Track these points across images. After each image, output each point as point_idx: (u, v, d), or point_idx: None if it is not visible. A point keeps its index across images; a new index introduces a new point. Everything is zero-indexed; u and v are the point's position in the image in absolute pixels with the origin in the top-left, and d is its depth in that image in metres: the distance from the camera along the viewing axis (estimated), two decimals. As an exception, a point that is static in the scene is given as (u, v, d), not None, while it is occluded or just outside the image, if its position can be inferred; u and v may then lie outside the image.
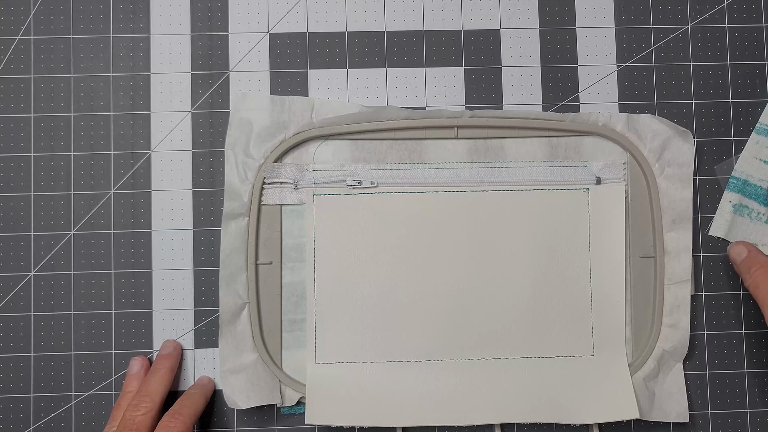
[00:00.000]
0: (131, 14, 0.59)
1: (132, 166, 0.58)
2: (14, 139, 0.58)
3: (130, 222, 0.58)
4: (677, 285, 0.57)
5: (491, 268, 0.57)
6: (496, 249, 0.57)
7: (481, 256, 0.57)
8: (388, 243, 0.57)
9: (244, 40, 0.59)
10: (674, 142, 0.57)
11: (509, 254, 0.57)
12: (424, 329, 0.57)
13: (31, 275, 0.57)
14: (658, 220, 0.57)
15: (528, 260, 0.57)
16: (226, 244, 0.56)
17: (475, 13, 0.60)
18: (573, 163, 0.58)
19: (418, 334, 0.57)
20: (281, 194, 0.57)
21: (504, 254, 0.57)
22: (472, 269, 0.57)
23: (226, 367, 0.56)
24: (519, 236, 0.57)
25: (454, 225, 0.57)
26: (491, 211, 0.57)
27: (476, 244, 0.57)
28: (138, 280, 0.58)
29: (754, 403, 0.58)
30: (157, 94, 0.59)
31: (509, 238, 0.57)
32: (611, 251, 0.58)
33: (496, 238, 0.57)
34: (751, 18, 0.60)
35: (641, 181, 0.58)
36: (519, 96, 0.59)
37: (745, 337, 0.58)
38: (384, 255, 0.57)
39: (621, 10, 0.60)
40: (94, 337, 0.57)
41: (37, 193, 0.58)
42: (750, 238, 0.58)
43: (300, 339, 0.57)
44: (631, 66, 0.59)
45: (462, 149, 0.58)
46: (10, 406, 0.57)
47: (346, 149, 0.58)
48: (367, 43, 0.59)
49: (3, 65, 0.58)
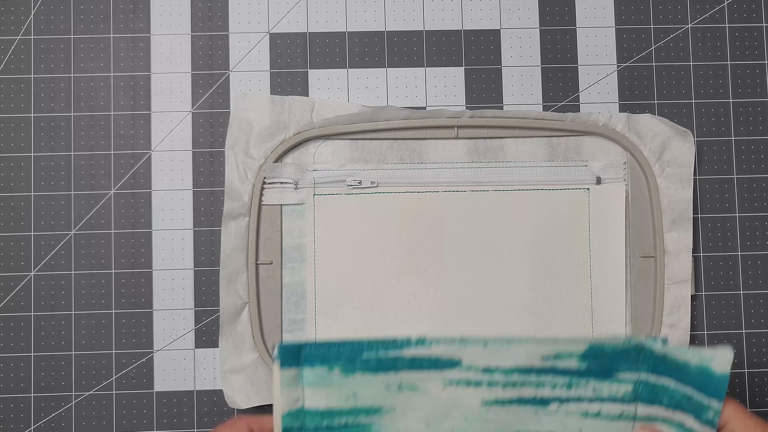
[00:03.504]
0: (131, 14, 0.59)
1: (132, 166, 0.58)
2: (14, 139, 0.58)
3: (130, 222, 0.58)
4: (677, 285, 0.57)
5: (491, 268, 0.57)
6: (496, 249, 0.57)
7: (481, 256, 0.57)
8: (389, 243, 0.57)
9: (244, 40, 0.59)
10: (674, 142, 0.57)
11: (509, 254, 0.57)
12: (424, 329, 0.57)
13: (31, 275, 0.57)
14: (658, 220, 0.57)
15: (528, 260, 0.57)
16: (227, 244, 0.56)
17: (475, 13, 0.60)
18: (573, 163, 0.58)
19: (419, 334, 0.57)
20: (281, 194, 0.57)
21: (504, 254, 0.57)
22: (472, 269, 0.57)
23: (226, 367, 0.56)
24: (519, 236, 0.57)
25: (454, 225, 0.57)
26: (491, 211, 0.57)
27: (476, 244, 0.57)
28: (138, 280, 0.58)
29: (754, 403, 0.58)
30: (158, 94, 0.59)
31: (509, 238, 0.57)
32: (611, 251, 0.58)
33: (496, 238, 0.57)
34: (751, 18, 0.60)
35: (641, 181, 0.58)
36: (519, 96, 0.59)
37: (745, 337, 0.58)
38: (384, 255, 0.57)
39: (621, 10, 0.60)
40: (94, 337, 0.57)
41: (37, 193, 0.58)
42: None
43: (300, 339, 0.57)
44: (631, 66, 0.59)
45: (462, 149, 0.58)
46: (10, 406, 0.57)
47: (346, 149, 0.58)
48: (367, 43, 0.59)
49: (3, 65, 0.58)
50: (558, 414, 0.47)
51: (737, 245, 0.59)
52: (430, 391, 0.47)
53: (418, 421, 0.47)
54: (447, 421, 0.47)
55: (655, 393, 0.47)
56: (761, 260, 0.59)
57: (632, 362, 0.46)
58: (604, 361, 0.46)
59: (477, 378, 0.47)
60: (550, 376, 0.47)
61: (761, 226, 0.59)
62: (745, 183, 0.59)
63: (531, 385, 0.47)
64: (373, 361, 0.46)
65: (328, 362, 0.46)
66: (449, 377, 0.47)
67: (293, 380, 0.46)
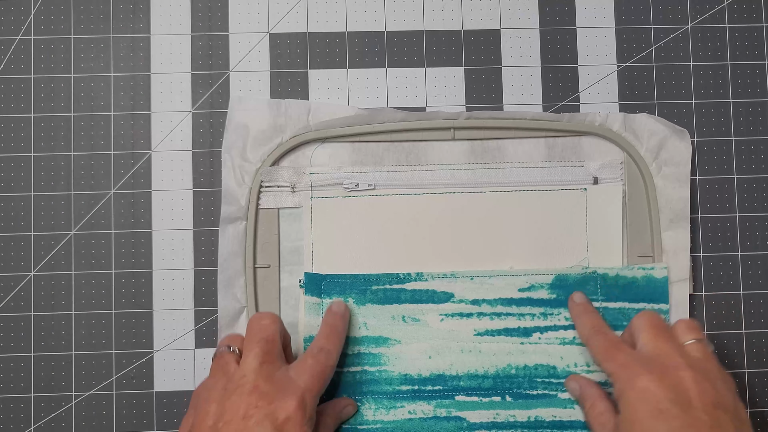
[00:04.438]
0: (131, 14, 0.59)
1: (132, 166, 0.58)
2: (14, 139, 0.58)
3: (130, 222, 0.58)
4: (675, 284, 0.57)
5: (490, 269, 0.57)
6: (494, 250, 0.57)
7: (479, 258, 0.57)
8: (386, 245, 0.57)
9: (244, 40, 0.59)
10: (671, 141, 0.57)
11: (507, 256, 0.57)
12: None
13: (31, 275, 0.58)
14: (656, 220, 0.57)
15: (526, 261, 0.57)
16: (224, 248, 0.56)
17: (475, 13, 0.60)
18: (570, 163, 0.58)
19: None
20: (279, 197, 0.57)
21: (502, 256, 0.57)
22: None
23: (226, 368, 0.56)
24: (517, 238, 0.57)
25: (451, 226, 0.57)
26: (489, 212, 0.57)
27: (474, 245, 0.57)
28: (138, 280, 0.58)
29: (754, 403, 0.58)
30: (158, 94, 0.59)
31: (507, 239, 0.57)
32: (609, 251, 0.57)
33: (494, 239, 0.57)
34: (751, 18, 0.60)
35: (638, 181, 0.58)
36: (519, 96, 0.59)
37: (745, 337, 0.58)
38: (382, 257, 0.57)
39: (621, 10, 0.60)
40: (94, 337, 0.57)
41: (37, 193, 0.58)
42: None
43: (298, 342, 0.57)
44: (631, 66, 0.59)
45: (459, 150, 0.58)
46: (10, 406, 0.57)
47: (343, 152, 0.58)
48: (367, 43, 0.59)
49: (3, 65, 0.59)
50: (540, 344, 0.56)
51: (737, 245, 0.59)
52: (429, 323, 0.56)
53: (421, 354, 0.56)
54: (446, 353, 0.56)
55: (614, 316, 0.56)
56: (761, 260, 0.59)
57: (592, 291, 0.56)
58: (569, 290, 0.56)
59: (468, 310, 0.56)
60: (528, 307, 0.56)
61: (761, 226, 0.59)
62: (745, 183, 0.59)
63: (514, 316, 0.56)
64: (380, 292, 0.56)
65: (344, 293, 0.56)
66: (445, 310, 0.56)
67: (316, 308, 0.56)
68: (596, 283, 0.56)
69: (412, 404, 0.55)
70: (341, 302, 0.55)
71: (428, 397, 0.55)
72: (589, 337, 0.52)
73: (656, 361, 0.47)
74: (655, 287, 0.56)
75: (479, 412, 0.55)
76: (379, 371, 0.55)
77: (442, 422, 0.55)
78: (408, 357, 0.56)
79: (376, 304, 0.56)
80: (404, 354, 0.56)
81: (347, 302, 0.56)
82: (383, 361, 0.55)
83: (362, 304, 0.56)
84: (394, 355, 0.56)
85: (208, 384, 0.48)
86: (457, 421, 0.55)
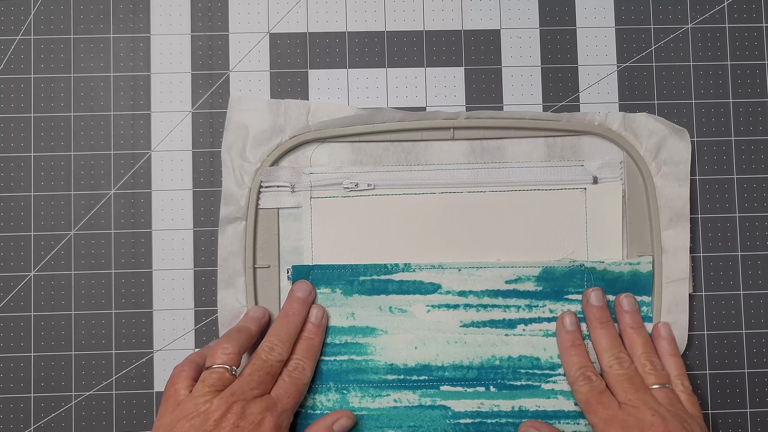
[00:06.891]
0: (131, 14, 0.59)
1: (132, 166, 0.58)
2: (14, 139, 0.58)
3: (130, 222, 0.58)
4: (675, 283, 0.57)
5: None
6: (494, 250, 0.57)
7: (479, 258, 0.57)
8: (386, 245, 0.57)
9: (244, 40, 0.59)
10: (670, 141, 0.57)
11: (507, 255, 0.57)
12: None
13: (31, 275, 0.58)
14: (655, 219, 0.57)
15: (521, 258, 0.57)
16: (224, 248, 0.57)
17: (475, 13, 0.60)
18: (570, 162, 0.58)
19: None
20: (278, 198, 0.57)
21: (502, 255, 0.57)
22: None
23: (226, 367, 0.57)
24: (516, 237, 0.57)
25: (451, 226, 0.57)
26: (489, 212, 0.57)
27: (474, 245, 0.57)
28: (138, 280, 0.58)
29: (754, 403, 0.58)
30: (157, 94, 0.59)
31: (507, 239, 0.57)
32: (609, 250, 0.57)
33: (494, 239, 0.57)
34: (751, 18, 0.60)
35: (638, 180, 0.58)
36: (519, 96, 0.59)
37: (745, 337, 0.58)
38: (382, 257, 0.57)
39: (621, 10, 0.60)
40: (94, 337, 0.57)
41: (37, 193, 0.58)
42: None
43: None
44: (631, 66, 0.59)
45: (459, 150, 0.58)
46: (10, 406, 0.57)
47: (342, 152, 0.58)
48: (367, 43, 0.59)
49: (3, 65, 0.59)
50: (525, 335, 0.56)
51: (737, 245, 0.59)
52: (416, 314, 0.56)
53: (407, 344, 0.56)
54: (432, 344, 0.56)
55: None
56: (761, 260, 0.59)
57: (578, 284, 0.57)
58: (556, 283, 0.57)
59: (454, 301, 0.57)
60: (514, 299, 0.57)
61: (761, 226, 0.59)
62: (745, 183, 0.59)
63: (500, 308, 0.57)
64: (368, 282, 0.57)
65: (331, 284, 0.56)
66: (432, 301, 0.57)
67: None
68: (583, 277, 0.57)
69: (397, 393, 0.56)
70: (306, 284, 0.56)
71: (413, 387, 0.56)
72: (575, 381, 0.53)
73: (633, 416, 0.50)
74: (639, 280, 0.57)
75: (464, 401, 0.56)
76: (365, 360, 0.56)
77: (427, 411, 0.56)
78: (394, 347, 0.56)
79: (363, 295, 0.57)
80: (390, 344, 0.56)
81: (335, 293, 0.56)
82: (370, 350, 0.56)
83: (350, 295, 0.56)
84: (380, 345, 0.56)
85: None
86: (442, 410, 0.56)
